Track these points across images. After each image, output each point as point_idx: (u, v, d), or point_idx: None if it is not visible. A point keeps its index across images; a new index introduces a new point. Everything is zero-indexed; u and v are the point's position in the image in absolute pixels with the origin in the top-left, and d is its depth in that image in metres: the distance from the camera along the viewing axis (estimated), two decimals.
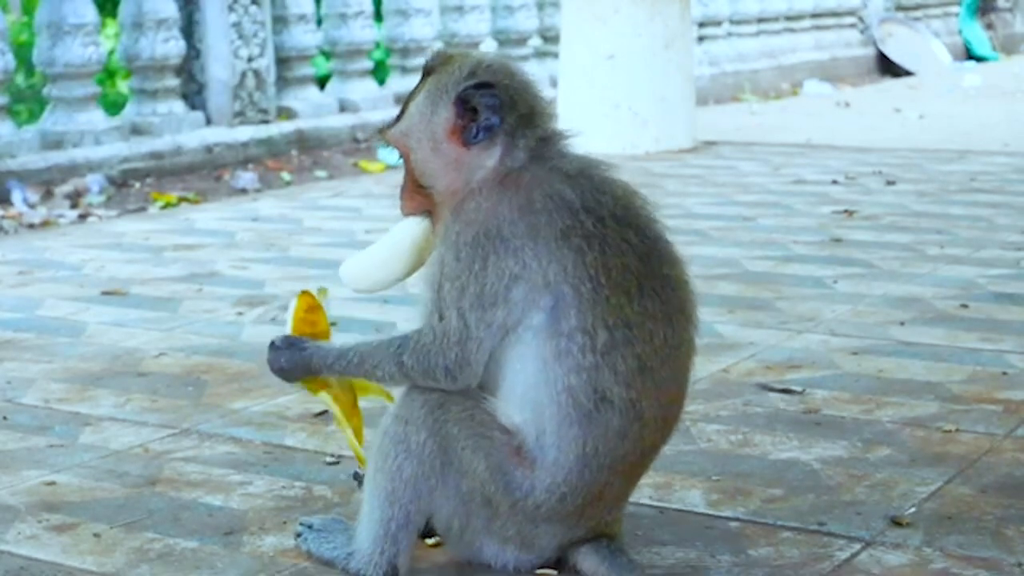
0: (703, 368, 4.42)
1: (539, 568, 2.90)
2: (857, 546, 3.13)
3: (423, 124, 2.85)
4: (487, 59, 2.88)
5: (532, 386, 2.73)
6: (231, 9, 10.31)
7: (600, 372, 2.70)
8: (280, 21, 10.85)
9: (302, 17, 11.01)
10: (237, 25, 10.36)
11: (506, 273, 2.71)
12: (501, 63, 2.88)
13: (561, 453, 2.74)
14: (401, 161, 2.92)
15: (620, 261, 2.72)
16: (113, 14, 11.22)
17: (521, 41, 12.87)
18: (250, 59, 10.46)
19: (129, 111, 10.05)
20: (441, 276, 2.76)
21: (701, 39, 14.54)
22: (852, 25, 17.13)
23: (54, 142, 9.33)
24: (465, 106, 2.79)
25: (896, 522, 3.24)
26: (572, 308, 2.70)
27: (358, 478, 3.17)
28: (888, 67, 16.93)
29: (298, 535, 3.11)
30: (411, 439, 2.82)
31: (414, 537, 2.90)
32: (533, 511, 2.79)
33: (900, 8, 17.92)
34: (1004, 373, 4.45)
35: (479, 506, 2.82)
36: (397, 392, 2.94)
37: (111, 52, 11.43)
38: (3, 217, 8.31)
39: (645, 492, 3.37)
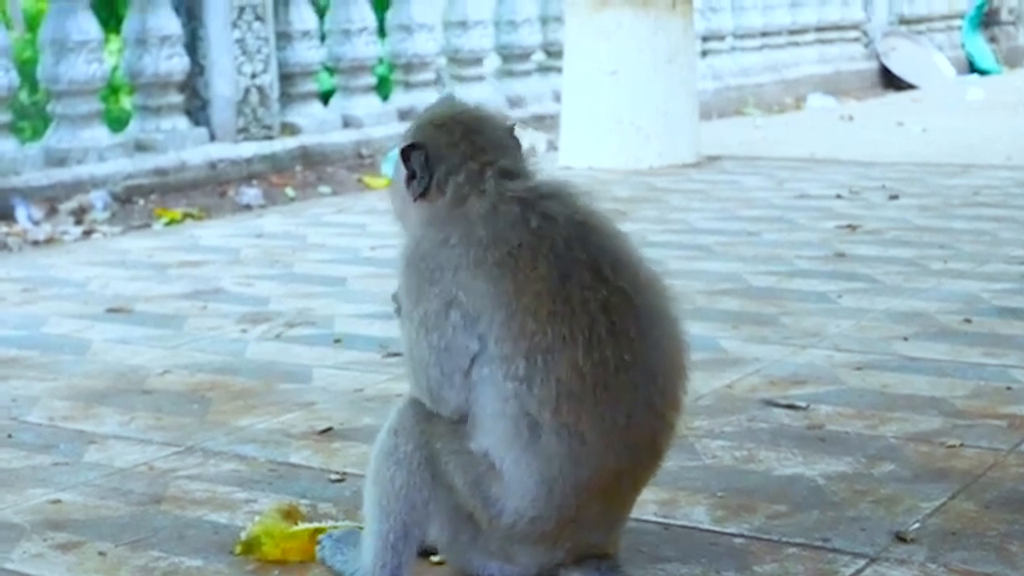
0: (707, 384, 4.43)
1: None
2: (862, 562, 3.13)
3: (394, 184, 3.03)
4: (435, 112, 2.99)
5: (484, 413, 2.76)
6: (235, 25, 10.34)
7: (523, 399, 2.70)
8: (284, 37, 10.88)
9: (306, 33, 11.04)
10: (241, 41, 10.39)
11: (440, 299, 2.75)
12: (445, 115, 2.96)
13: (521, 479, 2.74)
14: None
15: (532, 288, 2.71)
16: (117, 30, 11.24)
17: (524, 56, 12.89)
18: (254, 75, 10.48)
19: (133, 127, 10.07)
20: (403, 312, 2.87)
21: (705, 53, 14.57)
22: (856, 39, 17.16)
23: (58, 159, 9.35)
24: (409, 165, 2.91)
25: (900, 538, 3.24)
26: (493, 336, 2.72)
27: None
28: (891, 81, 16.95)
29: (318, 542, 3.15)
30: (400, 450, 2.85)
31: (414, 550, 2.91)
32: (508, 529, 2.80)
33: (903, 22, 17.95)
34: (1008, 388, 4.45)
35: (464, 520, 2.84)
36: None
37: (114, 68, 11.45)
38: (7, 234, 8.33)
39: (649, 508, 3.37)
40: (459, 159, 2.87)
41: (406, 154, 2.90)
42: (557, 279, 2.72)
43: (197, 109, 10.39)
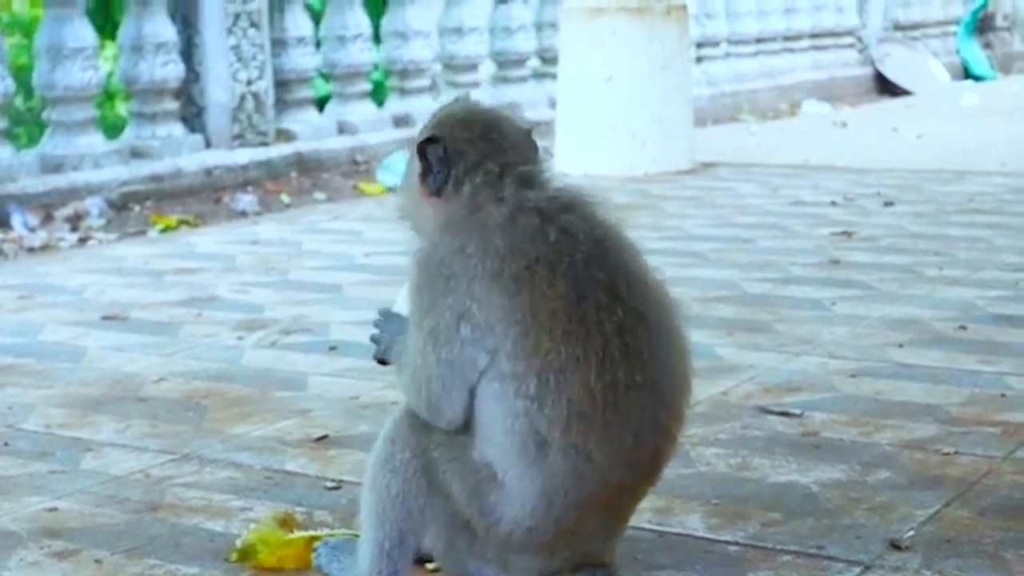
0: (702, 391, 4.43)
1: None
2: (856, 570, 3.14)
3: (405, 182, 2.98)
4: (453, 109, 2.96)
5: (490, 426, 2.75)
6: (230, 32, 10.34)
7: (533, 417, 2.70)
8: (279, 44, 10.88)
9: (301, 40, 11.04)
10: (236, 48, 10.38)
11: (452, 310, 2.73)
12: (464, 111, 2.94)
13: (522, 491, 2.74)
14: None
15: (549, 306, 2.70)
16: (112, 37, 11.24)
17: (520, 63, 12.89)
18: (249, 82, 10.48)
19: (128, 134, 10.06)
20: (411, 319, 2.83)
21: (699, 59, 14.58)
22: (850, 45, 17.17)
23: (54, 165, 9.34)
24: (425, 160, 2.86)
25: (895, 545, 3.25)
26: (505, 352, 2.70)
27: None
28: (886, 87, 16.97)
29: (314, 549, 3.16)
30: (396, 458, 2.85)
31: (410, 558, 2.91)
32: (505, 538, 2.80)
33: (898, 28, 17.97)
34: (1003, 395, 4.46)
35: (460, 528, 2.84)
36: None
37: (110, 75, 11.45)
38: (3, 241, 8.32)
39: (644, 516, 3.37)
40: (478, 157, 2.84)
41: (423, 148, 2.86)
42: (574, 299, 2.71)
43: (193, 116, 10.38)
